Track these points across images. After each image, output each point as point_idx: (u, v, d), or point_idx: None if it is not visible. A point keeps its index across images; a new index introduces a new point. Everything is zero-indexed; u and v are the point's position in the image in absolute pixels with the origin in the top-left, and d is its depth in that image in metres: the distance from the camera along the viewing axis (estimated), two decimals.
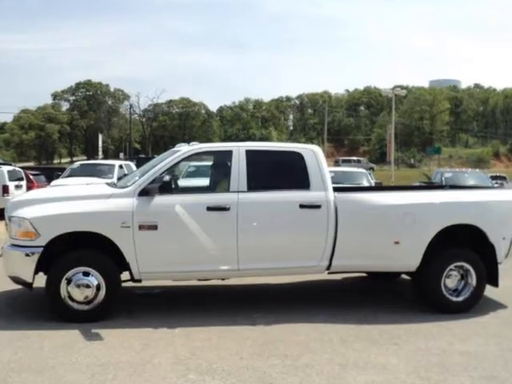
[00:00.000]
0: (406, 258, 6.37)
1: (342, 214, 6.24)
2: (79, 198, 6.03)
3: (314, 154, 6.43)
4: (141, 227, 5.89)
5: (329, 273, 6.52)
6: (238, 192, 6.11)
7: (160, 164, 6.25)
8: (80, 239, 5.96)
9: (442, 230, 6.34)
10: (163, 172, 6.10)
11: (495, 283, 6.56)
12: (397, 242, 6.29)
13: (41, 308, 6.20)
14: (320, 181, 6.29)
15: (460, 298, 6.48)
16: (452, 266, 6.44)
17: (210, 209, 6.01)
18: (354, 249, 6.27)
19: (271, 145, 6.93)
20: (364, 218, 6.28)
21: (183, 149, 6.43)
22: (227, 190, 6.18)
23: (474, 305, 6.49)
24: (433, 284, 6.38)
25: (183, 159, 6.35)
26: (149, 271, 6.03)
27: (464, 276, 6.51)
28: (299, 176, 6.37)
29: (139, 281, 6.20)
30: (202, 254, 6.03)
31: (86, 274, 5.88)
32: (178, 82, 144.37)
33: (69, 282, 5.82)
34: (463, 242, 6.60)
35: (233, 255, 6.06)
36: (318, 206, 6.17)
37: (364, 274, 7.90)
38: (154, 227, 5.92)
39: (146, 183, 6.04)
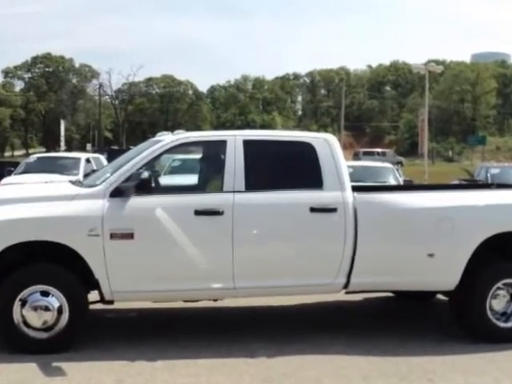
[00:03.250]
0: (443, 273, 6.40)
1: (362, 220, 6.27)
2: (36, 200, 6.04)
3: (327, 144, 6.46)
4: (113, 236, 5.91)
5: (346, 292, 6.55)
6: (234, 192, 6.14)
7: (137, 157, 6.27)
8: (38, 251, 5.98)
9: (487, 239, 6.36)
10: (141, 167, 6.12)
11: None
12: (431, 255, 6.32)
13: None
14: (336, 178, 6.32)
15: (509, 324, 6.49)
16: (500, 284, 6.46)
17: (198, 213, 6.04)
18: (378, 262, 6.29)
19: (275, 133, 6.98)
20: (390, 225, 6.31)
21: (165, 139, 6.47)
22: (220, 189, 6.22)
23: None
24: (476, 306, 6.40)
25: (165, 151, 6.38)
26: (123, 290, 6.04)
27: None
28: (310, 172, 6.40)
29: (111, 302, 6.22)
30: (189, 270, 6.05)
31: (45, 293, 5.87)
32: (159, 56, 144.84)
33: (24, 303, 5.82)
34: None
35: (227, 271, 6.09)
36: (333, 210, 6.21)
37: (390, 294, 7.91)
38: (130, 236, 5.94)
39: (119, 181, 6.05)
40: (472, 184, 11.90)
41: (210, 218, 6.06)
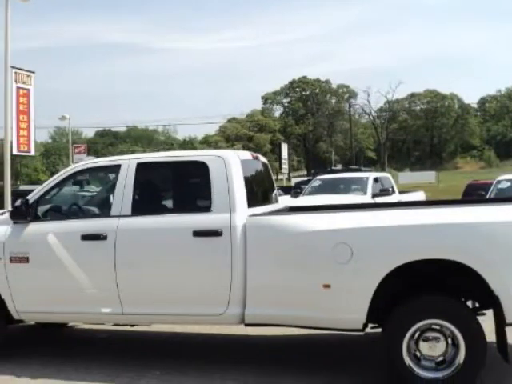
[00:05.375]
0: (342, 309, 5.70)
1: (252, 244, 5.91)
2: None
3: (223, 163, 6.18)
4: (12, 259, 6.44)
5: (246, 325, 6.20)
6: (120, 217, 6.23)
7: (40, 186, 6.77)
8: None
9: (399, 268, 5.56)
10: (42, 195, 6.60)
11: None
12: (327, 286, 5.71)
13: None
14: (226, 199, 6.05)
15: (439, 375, 5.54)
16: (422, 324, 5.56)
17: (84, 237, 6.26)
18: (272, 293, 5.84)
19: (171, 154, 6.86)
20: (282, 250, 5.82)
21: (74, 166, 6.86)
22: (108, 214, 6.36)
23: None
24: (391, 350, 5.60)
25: (64, 180, 6.72)
26: (26, 310, 6.53)
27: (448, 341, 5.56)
28: (199, 194, 6.26)
29: (20, 321, 6.73)
30: (79, 294, 6.27)
31: None
32: (420, 70, 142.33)
33: None
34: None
35: (113, 296, 6.18)
36: (218, 233, 5.95)
37: None
38: (25, 259, 6.40)
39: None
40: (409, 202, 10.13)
41: (95, 243, 6.21)
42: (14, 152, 19.56)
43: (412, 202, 10.45)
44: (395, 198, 16.41)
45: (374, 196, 15.96)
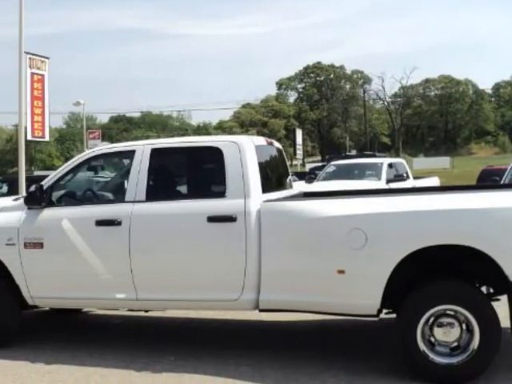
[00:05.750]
0: (357, 294, 5.68)
1: (267, 230, 5.89)
2: None
3: (237, 148, 6.13)
4: (26, 245, 6.44)
5: (260, 310, 6.18)
6: (134, 202, 6.22)
7: (54, 172, 6.76)
8: None
9: (413, 253, 5.51)
10: (56, 181, 6.60)
11: None
12: (341, 271, 5.68)
13: None
14: (240, 185, 6.02)
15: (453, 360, 5.51)
16: (438, 311, 5.51)
17: (99, 223, 6.26)
18: (287, 278, 5.82)
19: (186, 140, 6.82)
20: (297, 236, 5.80)
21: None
22: (123, 199, 6.35)
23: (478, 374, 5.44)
24: (405, 335, 5.58)
25: (78, 165, 6.71)
26: (40, 296, 6.54)
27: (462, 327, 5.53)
28: (214, 179, 6.23)
29: (35, 307, 6.75)
30: (93, 279, 6.28)
31: None
32: (434, 56, 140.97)
33: None
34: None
35: (128, 282, 6.18)
36: (233, 219, 5.93)
37: None
38: (40, 245, 6.41)
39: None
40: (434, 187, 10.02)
41: (109, 229, 6.21)
42: (29, 138, 19.55)
43: (426, 187, 10.38)
44: (409, 183, 16.34)
45: (388, 182, 15.89)
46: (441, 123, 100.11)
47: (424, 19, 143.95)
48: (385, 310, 5.87)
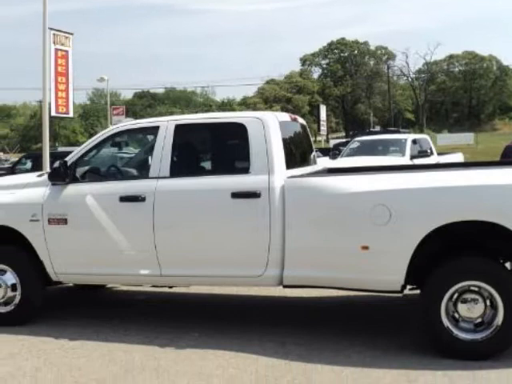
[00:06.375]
0: (381, 270, 5.64)
1: (291, 206, 5.85)
2: None
3: (261, 124, 6.07)
4: (50, 221, 6.46)
5: (284, 286, 6.16)
6: (158, 178, 6.20)
7: (78, 148, 6.76)
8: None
9: (437, 229, 5.45)
10: (81, 156, 6.60)
11: None
12: (365, 247, 5.63)
13: None
14: (264, 161, 5.96)
15: (477, 336, 5.48)
16: (460, 286, 5.47)
17: (123, 199, 6.24)
18: (311, 254, 5.78)
19: (210, 116, 6.76)
20: (321, 212, 5.76)
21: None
22: (147, 175, 6.34)
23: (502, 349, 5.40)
24: (429, 311, 5.54)
25: (102, 141, 6.69)
26: (64, 272, 6.56)
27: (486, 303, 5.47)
28: (238, 155, 6.18)
29: (59, 283, 6.79)
30: (118, 255, 6.28)
31: (3, 271, 6.68)
32: (458, 32, 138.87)
33: None
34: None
35: (152, 258, 6.18)
36: (257, 195, 5.89)
37: None
38: (64, 221, 6.43)
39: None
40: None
41: (133, 205, 6.19)
42: (53, 114, 19.66)
43: (450, 163, 10.26)
44: (433, 159, 16.22)
45: (412, 158, 15.79)
46: (465, 99, 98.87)
47: None
48: (409, 286, 5.82)
